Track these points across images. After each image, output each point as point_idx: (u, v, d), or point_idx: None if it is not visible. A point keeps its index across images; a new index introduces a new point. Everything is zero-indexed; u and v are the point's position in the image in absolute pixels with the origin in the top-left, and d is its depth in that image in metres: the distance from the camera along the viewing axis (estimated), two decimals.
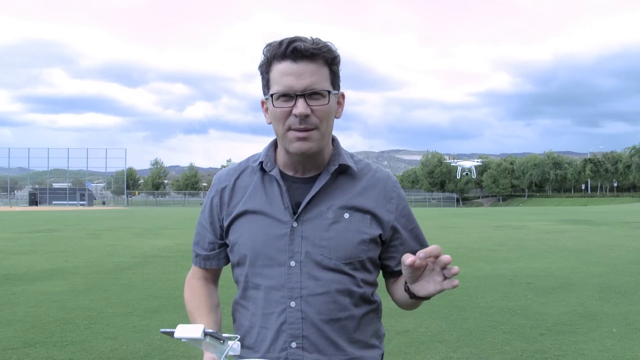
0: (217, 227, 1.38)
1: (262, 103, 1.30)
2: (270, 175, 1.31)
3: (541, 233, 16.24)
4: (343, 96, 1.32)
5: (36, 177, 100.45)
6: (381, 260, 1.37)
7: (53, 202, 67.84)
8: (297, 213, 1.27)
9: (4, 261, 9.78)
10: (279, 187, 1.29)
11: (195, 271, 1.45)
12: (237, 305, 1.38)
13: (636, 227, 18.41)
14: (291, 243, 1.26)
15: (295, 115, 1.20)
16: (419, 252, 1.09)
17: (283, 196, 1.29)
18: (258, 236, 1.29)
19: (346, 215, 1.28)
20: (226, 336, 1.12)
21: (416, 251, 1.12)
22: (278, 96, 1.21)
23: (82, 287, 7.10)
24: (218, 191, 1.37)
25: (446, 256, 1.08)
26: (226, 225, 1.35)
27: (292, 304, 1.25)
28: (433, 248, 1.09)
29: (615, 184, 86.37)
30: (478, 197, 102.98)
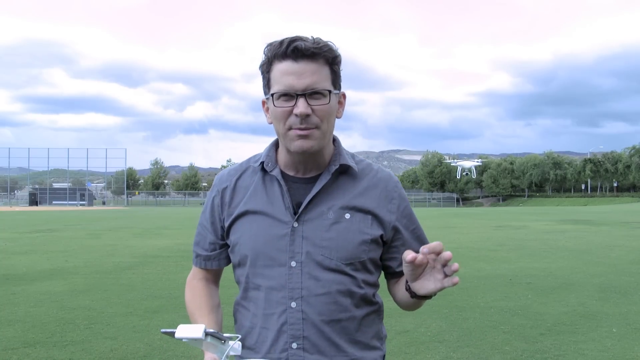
0: (218, 228, 1.37)
1: (263, 103, 1.30)
2: (271, 175, 1.31)
3: (541, 233, 16.24)
4: (344, 96, 1.31)
5: (36, 177, 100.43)
6: (382, 261, 1.36)
7: (53, 202, 67.81)
8: (298, 213, 1.26)
9: (4, 261, 9.78)
10: (280, 187, 1.29)
11: (196, 272, 1.44)
12: (238, 305, 1.37)
13: (636, 227, 18.41)
14: (292, 243, 1.25)
15: (296, 114, 1.19)
16: (422, 247, 1.08)
17: (284, 196, 1.28)
18: (259, 236, 1.28)
19: (347, 215, 1.27)
20: (227, 336, 1.11)
21: (418, 252, 1.11)
22: (279, 96, 1.20)
23: (82, 287, 7.10)
24: (219, 191, 1.37)
25: (447, 253, 1.08)
26: (227, 225, 1.34)
27: (293, 305, 1.24)
28: (436, 244, 1.08)
29: (615, 184, 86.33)
30: (478, 197, 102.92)
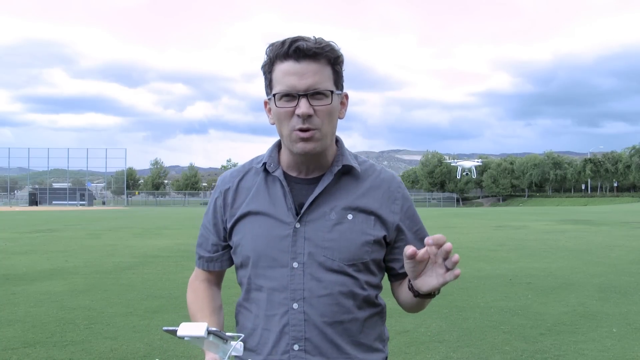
0: (221, 229, 1.36)
1: (265, 103, 1.29)
2: (273, 176, 1.30)
3: (541, 233, 16.24)
4: (347, 96, 1.30)
5: (36, 177, 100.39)
6: (386, 262, 1.35)
7: (53, 202, 67.77)
8: (300, 214, 1.26)
9: (4, 261, 9.78)
10: (282, 188, 1.28)
11: (198, 273, 1.43)
12: (240, 307, 1.37)
13: (636, 227, 18.40)
14: (294, 244, 1.25)
15: (298, 115, 1.19)
16: (427, 239, 1.07)
17: (286, 197, 1.27)
18: (261, 237, 1.27)
19: (350, 216, 1.27)
20: (229, 335, 1.10)
21: None
22: (281, 96, 1.20)
23: (82, 287, 7.10)
24: (222, 193, 1.36)
25: (448, 244, 1.07)
26: (229, 226, 1.34)
27: (295, 306, 1.23)
28: (439, 236, 1.07)
29: (615, 184, 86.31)
30: (478, 197, 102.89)
